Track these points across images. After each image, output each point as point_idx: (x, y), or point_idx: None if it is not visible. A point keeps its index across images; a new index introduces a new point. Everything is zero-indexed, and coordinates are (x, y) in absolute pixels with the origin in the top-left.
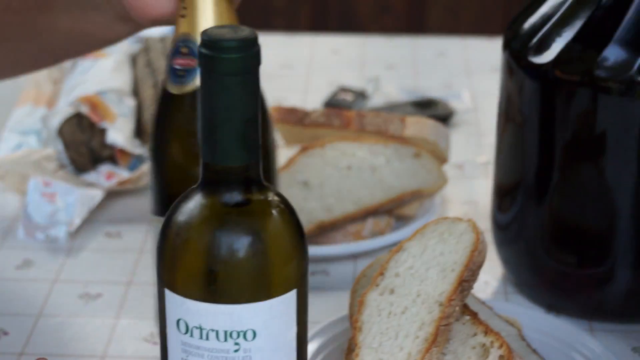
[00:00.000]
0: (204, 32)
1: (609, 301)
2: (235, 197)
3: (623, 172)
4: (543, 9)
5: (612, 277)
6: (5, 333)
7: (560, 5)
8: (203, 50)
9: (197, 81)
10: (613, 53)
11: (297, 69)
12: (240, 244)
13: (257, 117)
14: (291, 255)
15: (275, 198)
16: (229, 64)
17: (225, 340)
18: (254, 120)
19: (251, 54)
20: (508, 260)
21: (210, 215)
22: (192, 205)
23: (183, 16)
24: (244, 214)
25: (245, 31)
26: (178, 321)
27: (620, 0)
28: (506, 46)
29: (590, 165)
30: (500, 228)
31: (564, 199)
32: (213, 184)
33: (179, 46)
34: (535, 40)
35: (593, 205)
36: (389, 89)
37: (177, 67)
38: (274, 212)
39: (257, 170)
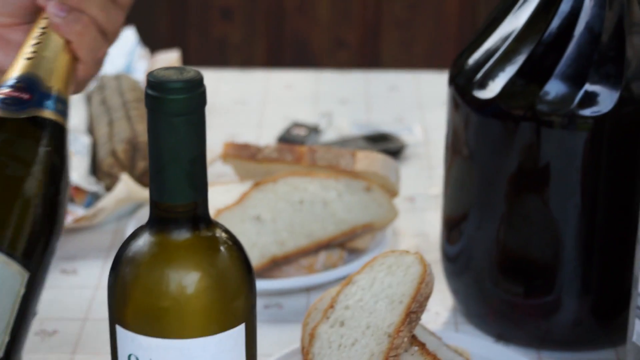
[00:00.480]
0: (150, 74)
1: (556, 330)
2: (183, 234)
3: (567, 203)
4: (487, 45)
5: (559, 307)
6: None
7: (503, 41)
8: (150, 92)
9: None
10: (554, 87)
11: (251, 104)
12: (189, 280)
13: (203, 156)
14: (239, 290)
15: (223, 235)
16: (175, 104)
17: None
18: (200, 159)
19: (196, 95)
20: (457, 291)
21: (159, 253)
22: (141, 242)
23: (29, 59)
24: (191, 251)
25: (190, 72)
26: (129, 356)
27: (561, 36)
28: (451, 81)
29: (535, 197)
30: (449, 259)
31: (510, 230)
32: (161, 222)
33: (17, 81)
34: (479, 75)
35: (538, 236)
36: (342, 124)
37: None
38: (221, 248)
39: (205, 207)
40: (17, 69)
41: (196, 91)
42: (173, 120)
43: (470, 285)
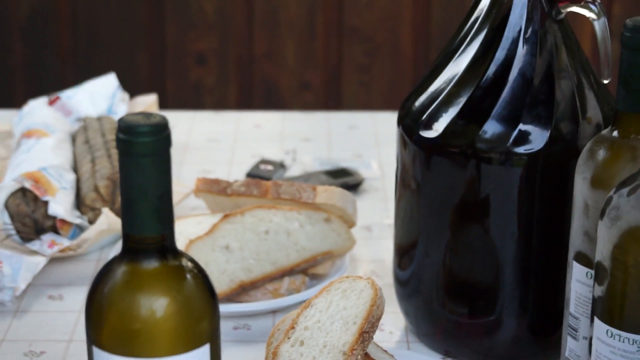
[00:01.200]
0: (121, 119)
1: (497, 347)
2: (152, 263)
3: (505, 231)
4: (431, 89)
5: (500, 325)
6: None
7: (446, 85)
8: (120, 135)
9: None
10: (491, 127)
11: (223, 142)
12: (157, 305)
13: (170, 192)
14: (203, 314)
15: (189, 264)
16: (142, 147)
17: None
18: (166, 195)
19: (162, 137)
20: (408, 312)
21: (130, 280)
22: (114, 271)
23: None
24: (160, 279)
25: (157, 117)
26: None
27: (497, 81)
28: (400, 122)
29: (477, 226)
30: (401, 284)
31: (454, 256)
32: (132, 252)
33: None
34: (424, 116)
35: (480, 262)
36: (306, 160)
37: None
38: (187, 276)
39: (172, 239)
40: None
41: (162, 134)
42: (141, 161)
43: (419, 306)
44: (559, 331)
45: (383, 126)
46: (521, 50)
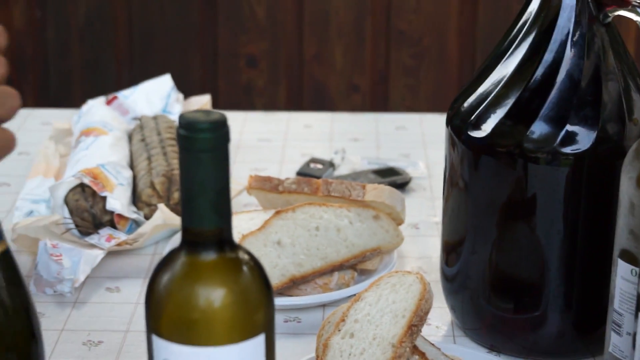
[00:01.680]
0: (181, 116)
1: (542, 342)
2: (210, 255)
3: (551, 230)
4: (480, 90)
5: (544, 321)
6: None
7: (494, 86)
8: (181, 131)
9: None
10: (539, 128)
11: (274, 141)
12: (215, 295)
13: (228, 187)
14: (259, 304)
15: (246, 256)
16: (202, 142)
17: None
18: (225, 190)
19: (221, 134)
20: (455, 307)
21: (189, 272)
22: (174, 262)
23: None
24: (217, 270)
25: (216, 115)
26: None
27: (544, 82)
28: (448, 122)
29: (523, 224)
30: (448, 279)
31: (501, 253)
32: (191, 245)
33: None
34: (473, 117)
35: (526, 259)
36: (354, 159)
37: None
38: (244, 267)
39: (229, 232)
40: None
41: (221, 131)
42: (200, 156)
43: (466, 302)
44: (603, 327)
45: (430, 127)
46: (569, 52)
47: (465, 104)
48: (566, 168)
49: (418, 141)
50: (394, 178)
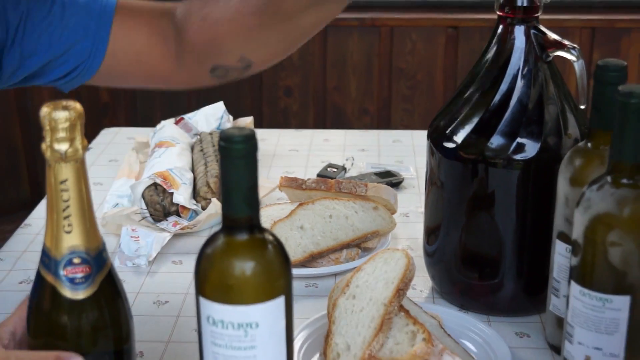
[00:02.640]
0: (222, 132)
1: (499, 302)
2: (243, 236)
3: (506, 218)
4: (453, 111)
5: (501, 287)
6: None
7: (463, 109)
8: (221, 143)
9: (91, 286)
10: (496, 140)
11: (301, 151)
12: (246, 266)
13: (256, 185)
14: (280, 273)
15: (270, 237)
16: (237, 151)
17: (238, 329)
18: (254, 187)
19: (251, 144)
20: (434, 276)
21: (227, 249)
22: (216, 241)
23: (68, 232)
24: (248, 248)
25: (247, 131)
26: (208, 317)
27: (501, 106)
28: (429, 136)
29: (485, 214)
30: (428, 255)
31: (468, 235)
32: (229, 228)
33: (71, 258)
34: (447, 132)
35: (487, 240)
36: (361, 165)
37: (73, 276)
38: (268, 245)
39: (258, 219)
40: (61, 245)
41: (250, 142)
42: (235, 162)
43: (442, 272)
44: (546, 291)
45: (419, 141)
46: (519, 83)
47: (442, 122)
48: (517, 171)
49: (409, 151)
50: (390, 178)
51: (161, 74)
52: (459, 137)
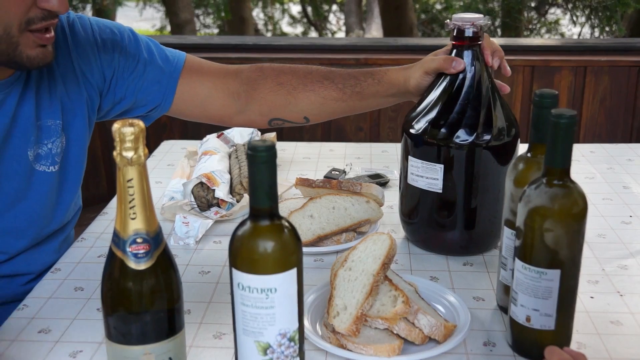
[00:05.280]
0: (249, 143)
1: (454, 246)
2: (265, 222)
3: (458, 190)
4: (419, 109)
5: (457, 236)
6: None
7: (426, 107)
8: (248, 152)
9: (150, 260)
10: (448, 129)
11: (312, 159)
12: (267, 245)
13: (275, 183)
14: (293, 251)
15: (286, 223)
16: (260, 158)
17: (261, 293)
18: (274, 185)
19: (271, 153)
20: (409, 238)
21: (253, 231)
22: (245, 226)
23: (133, 219)
24: (269, 230)
25: (268, 142)
26: (238, 284)
27: (452, 104)
28: (402, 127)
29: (445, 185)
30: (407, 223)
31: (432, 206)
32: (255, 216)
33: (135, 238)
34: (414, 122)
35: (446, 209)
36: (357, 169)
37: (136, 252)
38: (285, 230)
39: (277, 209)
40: (128, 228)
41: (271, 151)
42: (259, 166)
43: (415, 232)
44: (488, 238)
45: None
46: (466, 90)
47: (411, 115)
48: (462, 151)
49: (394, 159)
50: (379, 179)
51: (221, 118)
52: (422, 126)
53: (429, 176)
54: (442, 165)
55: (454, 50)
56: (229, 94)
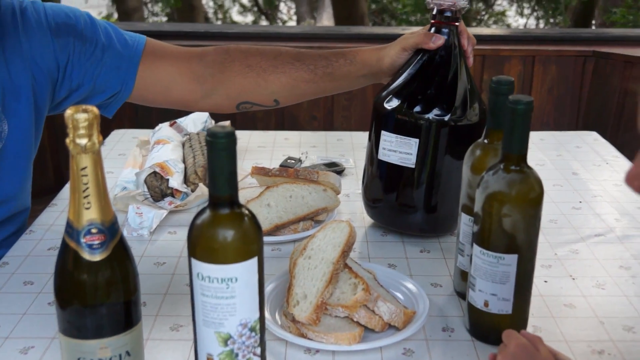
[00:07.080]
0: (208, 129)
1: (416, 227)
2: (225, 210)
3: (424, 162)
4: (392, 87)
5: (420, 218)
6: None
7: (399, 85)
8: (208, 138)
9: (106, 251)
10: (421, 106)
11: (267, 147)
12: (227, 234)
13: (235, 171)
14: (253, 239)
15: (246, 211)
16: (220, 145)
17: (221, 283)
18: (234, 173)
19: (231, 140)
20: (373, 218)
21: (212, 220)
22: (204, 214)
23: (87, 208)
24: (229, 219)
25: (228, 129)
26: (198, 274)
27: (425, 85)
28: (374, 102)
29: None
30: (370, 207)
31: (395, 184)
32: (214, 204)
33: (89, 228)
34: (386, 100)
35: (409, 187)
36: (313, 157)
37: (91, 242)
38: (245, 218)
39: (236, 197)
40: (82, 218)
41: (231, 138)
42: (219, 153)
43: (379, 214)
44: (448, 220)
45: (356, 140)
46: (440, 67)
47: (383, 93)
48: (434, 129)
49: (349, 147)
50: (335, 168)
51: (186, 103)
52: (394, 104)
53: (402, 150)
54: (417, 140)
55: (432, 29)
56: (194, 78)
